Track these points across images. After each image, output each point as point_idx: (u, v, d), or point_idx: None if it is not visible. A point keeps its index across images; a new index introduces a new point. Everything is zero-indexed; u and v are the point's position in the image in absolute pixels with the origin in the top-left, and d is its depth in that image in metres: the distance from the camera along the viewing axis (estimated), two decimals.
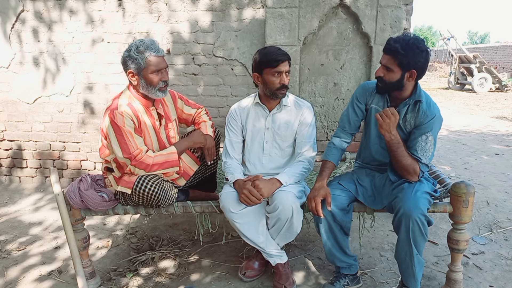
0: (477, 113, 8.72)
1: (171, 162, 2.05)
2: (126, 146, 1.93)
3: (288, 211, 1.91)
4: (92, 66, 3.48)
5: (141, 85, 1.99)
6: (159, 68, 1.98)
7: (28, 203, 3.43)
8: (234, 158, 2.19)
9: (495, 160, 4.66)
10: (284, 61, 1.99)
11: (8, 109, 3.69)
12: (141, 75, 1.96)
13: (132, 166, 1.95)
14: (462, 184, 1.89)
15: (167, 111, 2.22)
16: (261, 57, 2.02)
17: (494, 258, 2.43)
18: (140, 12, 3.32)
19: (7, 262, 2.45)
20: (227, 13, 3.23)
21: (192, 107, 2.36)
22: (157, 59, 1.97)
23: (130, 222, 2.98)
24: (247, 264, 2.24)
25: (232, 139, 2.20)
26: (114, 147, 1.95)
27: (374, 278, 2.23)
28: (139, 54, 1.92)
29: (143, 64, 1.93)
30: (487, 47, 21.23)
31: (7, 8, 3.44)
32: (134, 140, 1.96)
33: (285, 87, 2.05)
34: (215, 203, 2.10)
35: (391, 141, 1.81)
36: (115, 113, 1.93)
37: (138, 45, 1.94)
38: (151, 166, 1.98)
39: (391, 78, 1.82)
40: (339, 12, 3.08)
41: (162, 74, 2.00)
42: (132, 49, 1.93)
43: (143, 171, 1.97)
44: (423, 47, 1.75)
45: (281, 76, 2.01)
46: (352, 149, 2.93)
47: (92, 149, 3.67)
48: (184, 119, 2.37)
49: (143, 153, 1.97)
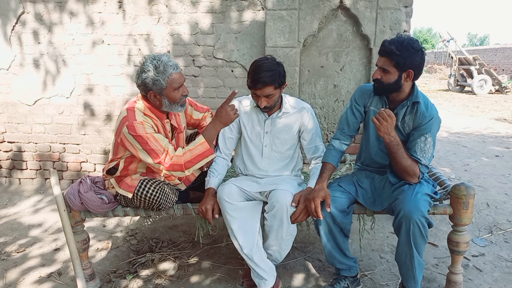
0: (477, 115, 8.73)
1: (203, 153, 1.99)
2: (153, 152, 1.89)
3: (283, 209, 1.89)
4: (92, 68, 3.49)
5: (164, 104, 1.95)
6: (180, 84, 1.95)
7: (28, 205, 3.42)
8: (223, 153, 2.20)
9: (495, 162, 4.66)
10: (262, 88, 1.93)
11: (8, 111, 3.69)
12: (163, 95, 1.91)
13: (167, 172, 1.92)
14: (462, 186, 1.89)
15: (178, 121, 2.19)
16: (249, 70, 2.00)
17: (494, 260, 2.42)
18: (141, 14, 3.33)
19: (6, 264, 2.44)
20: (227, 15, 3.24)
21: (200, 111, 2.35)
22: (178, 75, 1.92)
23: (130, 224, 2.98)
24: (245, 273, 2.15)
25: (226, 134, 2.20)
26: (142, 155, 1.91)
27: (374, 280, 2.23)
28: (159, 74, 1.86)
29: (165, 84, 1.88)
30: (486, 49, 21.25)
31: (7, 10, 3.45)
32: (159, 142, 1.91)
33: (264, 108, 2.01)
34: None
35: (391, 143, 1.81)
36: (135, 124, 1.88)
37: (157, 66, 1.86)
38: (184, 165, 1.93)
39: (388, 80, 1.83)
40: (339, 14, 3.08)
41: (182, 89, 1.98)
42: (151, 70, 1.85)
43: (180, 172, 1.94)
44: (417, 46, 1.77)
45: (258, 98, 1.98)
46: (352, 151, 2.93)
47: (92, 150, 3.67)
48: (192, 124, 2.36)
49: (170, 154, 1.92)
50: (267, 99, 1.97)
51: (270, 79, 1.92)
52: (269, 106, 2.01)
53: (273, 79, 1.93)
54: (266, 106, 2.00)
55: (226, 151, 2.22)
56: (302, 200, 1.93)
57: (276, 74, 1.94)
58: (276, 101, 2.04)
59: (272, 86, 1.94)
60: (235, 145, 2.27)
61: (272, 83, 1.93)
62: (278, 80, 1.95)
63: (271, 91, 1.95)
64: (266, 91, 1.94)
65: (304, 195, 1.96)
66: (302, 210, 1.92)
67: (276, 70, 1.95)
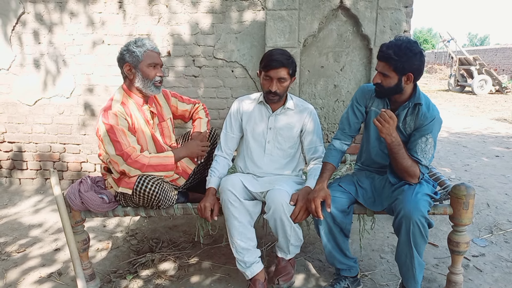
0: (477, 115, 8.73)
1: (166, 165, 2.07)
2: (118, 144, 1.95)
3: (280, 209, 1.90)
4: (92, 68, 3.49)
5: (137, 78, 2.04)
6: (156, 62, 2.06)
7: (28, 205, 3.42)
8: (225, 152, 2.23)
9: (495, 162, 4.66)
10: (277, 68, 1.95)
11: (9, 111, 3.69)
12: (137, 68, 2.02)
13: (127, 166, 1.96)
14: (462, 186, 1.89)
15: (160, 110, 2.25)
16: (262, 56, 2.03)
17: (495, 260, 2.42)
18: (141, 14, 3.33)
19: (7, 264, 2.45)
20: (228, 15, 3.24)
21: (187, 103, 2.39)
22: (154, 54, 2.06)
23: (130, 224, 2.98)
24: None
25: (228, 133, 2.23)
26: (107, 146, 1.96)
27: (375, 280, 2.23)
28: (137, 47, 2.01)
29: (141, 57, 2.01)
30: (487, 49, 21.25)
31: (8, 10, 3.45)
32: (127, 138, 1.97)
33: (274, 94, 2.01)
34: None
35: (392, 143, 1.81)
36: (109, 113, 1.97)
37: (136, 41, 2.04)
38: (146, 166, 1.99)
39: (388, 84, 1.83)
40: (339, 14, 3.08)
41: (158, 70, 2.07)
42: (131, 44, 2.02)
43: (138, 171, 1.98)
44: (416, 49, 1.75)
45: (271, 81, 1.99)
46: (352, 151, 2.93)
47: (92, 151, 3.67)
48: (180, 115, 2.39)
49: (137, 152, 1.98)
50: (278, 84, 2.00)
51: (286, 61, 1.97)
52: (279, 94, 2.03)
53: (288, 62, 1.98)
54: (277, 92, 2.01)
55: (227, 150, 2.23)
56: (300, 198, 1.94)
57: (290, 60, 2.00)
58: (284, 92, 2.06)
59: (286, 69, 1.98)
60: (237, 144, 2.28)
61: (287, 65, 1.98)
62: (292, 67, 2.00)
63: (285, 75, 1.99)
64: (280, 73, 1.97)
65: (302, 194, 1.97)
66: (301, 208, 1.93)
67: (291, 57, 2.01)
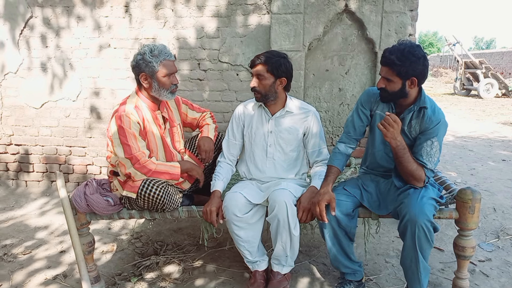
0: (483, 119, 8.67)
1: (172, 174, 2.09)
2: (128, 147, 1.97)
3: (283, 207, 1.89)
4: (98, 72, 3.52)
5: (153, 88, 2.05)
6: (171, 72, 2.06)
7: (34, 207, 3.45)
8: (228, 159, 2.24)
9: (502, 166, 4.62)
10: (255, 64, 2.01)
11: (16, 114, 3.73)
12: (153, 78, 2.02)
13: (134, 170, 1.98)
14: (468, 190, 1.88)
15: (171, 115, 2.27)
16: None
17: (501, 265, 2.40)
18: (147, 18, 3.35)
19: (13, 266, 2.46)
20: (233, 19, 3.26)
21: (197, 111, 2.41)
22: (170, 62, 2.05)
23: (135, 227, 2.99)
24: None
25: (230, 140, 2.25)
26: (116, 148, 1.99)
27: (380, 284, 2.21)
28: (153, 57, 1.99)
29: (157, 68, 2.00)
30: (493, 53, 21.11)
31: (16, 15, 3.49)
32: (137, 142, 1.99)
33: (254, 90, 2.05)
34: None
35: (397, 147, 1.80)
36: (122, 116, 1.98)
37: (152, 49, 2.00)
38: (152, 172, 2.02)
39: (393, 88, 1.83)
40: (344, 18, 3.08)
41: (173, 78, 2.08)
42: (146, 53, 1.99)
43: (144, 175, 2.00)
44: (419, 54, 1.75)
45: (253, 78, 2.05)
46: (357, 155, 2.93)
47: (98, 153, 3.69)
48: (189, 123, 2.41)
49: (146, 157, 2.00)
50: (257, 81, 2.03)
51: (264, 59, 2.00)
52: (260, 91, 2.04)
53: (268, 60, 2.00)
54: (256, 88, 2.04)
55: (230, 157, 2.25)
56: (305, 199, 1.96)
57: (273, 59, 2.00)
58: (267, 91, 2.04)
59: (264, 66, 2.00)
60: (239, 150, 2.29)
61: (265, 63, 1.99)
62: (273, 66, 2.00)
63: (263, 72, 2.00)
64: (258, 69, 2.00)
65: (307, 194, 1.98)
66: (305, 209, 1.93)
67: (276, 57, 2.01)
